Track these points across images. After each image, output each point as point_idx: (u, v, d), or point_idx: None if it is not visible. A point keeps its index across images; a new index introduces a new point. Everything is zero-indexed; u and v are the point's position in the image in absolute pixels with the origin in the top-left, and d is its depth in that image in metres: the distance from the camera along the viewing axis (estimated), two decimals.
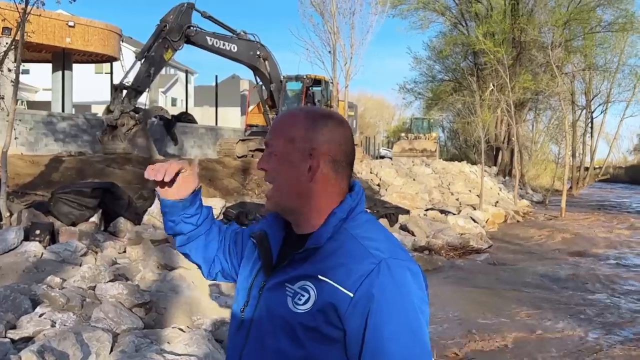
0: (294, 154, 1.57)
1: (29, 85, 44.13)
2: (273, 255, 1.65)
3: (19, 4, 9.49)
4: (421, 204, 19.06)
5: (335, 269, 1.48)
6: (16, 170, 14.40)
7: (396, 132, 62.93)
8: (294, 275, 1.53)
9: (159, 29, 18.31)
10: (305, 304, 1.49)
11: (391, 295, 1.43)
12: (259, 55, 21.83)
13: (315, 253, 1.53)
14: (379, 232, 1.59)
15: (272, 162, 1.60)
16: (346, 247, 1.51)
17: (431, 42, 44.86)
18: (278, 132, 1.61)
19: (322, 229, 1.55)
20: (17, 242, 8.48)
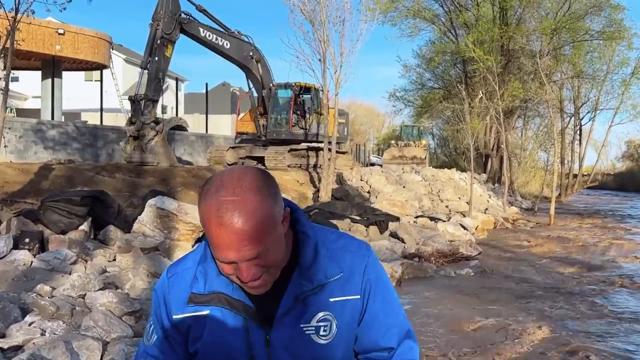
0: (280, 233, 1.47)
1: (18, 93, 43.94)
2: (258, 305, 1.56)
3: (9, 12, 9.50)
4: (411, 211, 19.11)
5: (339, 286, 1.57)
6: (5, 179, 14.35)
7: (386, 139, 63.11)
8: (306, 313, 1.54)
9: (154, 29, 18.39)
10: (331, 332, 1.55)
11: (377, 275, 1.65)
12: (251, 57, 21.87)
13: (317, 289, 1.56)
14: (329, 232, 1.67)
15: (269, 260, 1.45)
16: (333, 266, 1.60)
17: (421, 50, 45.05)
18: (260, 238, 1.41)
19: (309, 255, 1.55)
20: (7, 251, 8.46)
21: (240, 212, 1.37)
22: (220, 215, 1.37)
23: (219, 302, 1.52)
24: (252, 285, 1.46)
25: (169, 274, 1.64)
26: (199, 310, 1.55)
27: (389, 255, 12.53)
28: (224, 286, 1.53)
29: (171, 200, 10.98)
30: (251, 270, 1.42)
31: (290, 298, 1.51)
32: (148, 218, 10.73)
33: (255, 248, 1.39)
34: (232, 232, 1.37)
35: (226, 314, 1.53)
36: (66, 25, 30.85)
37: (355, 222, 14.99)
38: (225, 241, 1.38)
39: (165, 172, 17.67)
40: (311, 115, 24.07)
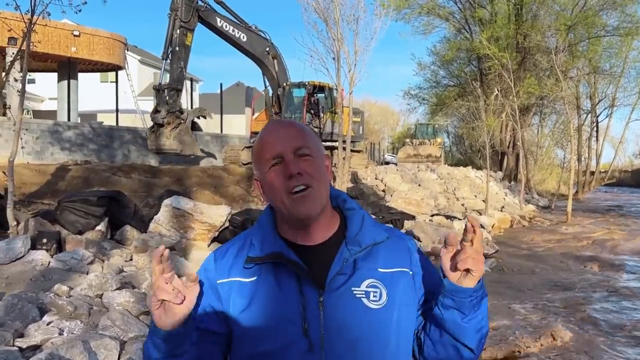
0: (322, 157, 1.65)
1: (35, 95, 44.32)
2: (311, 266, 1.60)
3: (25, 15, 9.56)
4: (427, 210, 19.03)
5: (385, 257, 1.64)
6: (22, 180, 14.45)
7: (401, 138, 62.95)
8: (355, 277, 1.59)
9: (172, 19, 18.51)
10: (381, 299, 1.59)
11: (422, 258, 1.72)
12: (268, 52, 21.88)
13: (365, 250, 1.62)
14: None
15: (313, 166, 1.59)
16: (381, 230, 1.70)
17: (435, 48, 44.86)
18: (307, 136, 1.63)
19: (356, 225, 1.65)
20: (24, 251, 8.51)
21: (288, 120, 1.76)
22: (269, 125, 1.67)
23: (277, 257, 1.58)
24: (298, 193, 1.56)
25: (218, 249, 1.71)
26: (248, 276, 1.60)
27: None
28: (280, 247, 1.60)
29: (187, 200, 11.01)
30: (297, 164, 1.57)
31: (340, 261, 1.58)
32: (164, 218, 10.76)
33: (300, 139, 1.60)
34: (279, 129, 1.63)
35: (280, 275, 1.58)
36: (81, 27, 31.06)
37: None
38: (273, 137, 1.61)
39: (180, 172, 17.72)
40: (325, 114, 24.04)
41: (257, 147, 1.65)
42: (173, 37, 18.47)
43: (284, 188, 1.58)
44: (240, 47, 21.22)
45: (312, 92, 23.49)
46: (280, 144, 1.59)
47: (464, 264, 1.50)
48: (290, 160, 1.58)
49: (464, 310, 1.56)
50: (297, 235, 1.64)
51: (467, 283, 1.53)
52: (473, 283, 1.53)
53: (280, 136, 1.61)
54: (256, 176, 1.68)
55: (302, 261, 1.59)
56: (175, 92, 18.50)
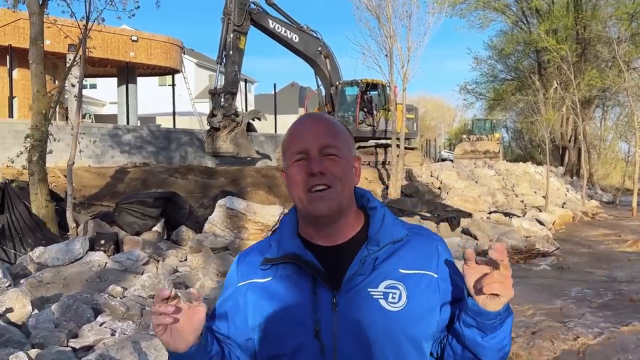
0: (350, 158, 1.60)
1: (96, 99, 45.61)
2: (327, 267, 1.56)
3: (80, 21, 9.81)
4: (484, 207, 18.65)
5: (408, 258, 1.56)
6: (83, 182, 14.88)
7: (458, 134, 61.98)
8: (373, 277, 1.53)
9: (225, 23, 18.73)
10: (400, 301, 1.52)
11: (450, 261, 1.62)
12: (320, 52, 21.87)
13: (385, 250, 1.56)
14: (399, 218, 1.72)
15: (338, 166, 1.55)
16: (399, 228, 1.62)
17: (492, 42, 43.97)
18: (336, 135, 1.59)
19: (376, 224, 1.59)
20: (83, 253, 8.73)
21: (320, 115, 1.64)
22: (301, 118, 1.64)
23: (291, 259, 1.55)
24: (317, 192, 1.52)
25: (244, 252, 1.72)
26: (263, 277, 1.58)
27: (461, 252, 12.23)
28: (296, 248, 1.57)
29: (240, 200, 11.09)
30: (320, 162, 1.53)
31: (357, 260, 1.54)
32: (218, 218, 10.87)
33: (328, 138, 1.56)
34: (311, 122, 1.60)
35: (295, 275, 1.55)
36: (139, 32, 31.79)
37: (425, 219, 14.72)
38: (304, 129, 1.58)
39: (235, 173, 17.92)
40: (378, 111, 23.86)
41: (286, 138, 1.62)
42: (227, 41, 18.69)
43: (303, 184, 1.54)
44: (293, 48, 21.30)
45: (364, 90, 23.35)
46: (306, 139, 1.56)
47: (490, 289, 1.41)
48: (314, 157, 1.54)
49: (486, 330, 1.47)
50: (316, 236, 1.60)
51: (492, 306, 1.44)
52: (499, 307, 1.44)
53: (309, 131, 1.57)
54: (283, 167, 1.65)
55: (320, 262, 1.55)
56: (230, 96, 18.72)
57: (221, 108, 18.47)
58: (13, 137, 16.73)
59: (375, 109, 23.76)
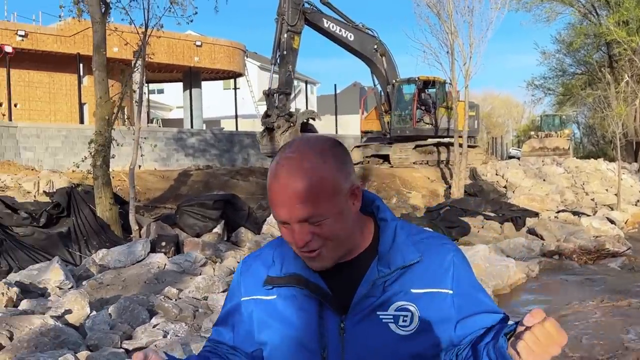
0: (341, 205, 1.39)
1: (164, 104, 46.84)
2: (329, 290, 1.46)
3: (139, 28, 10.04)
4: (552, 206, 18.07)
5: (421, 276, 1.46)
6: (147, 185, 15.25)
7: (526, 130, 60.46)
8: (383, 300, 1.44)
9: (279, 24, 18.76)
10: (412, 324, 1.44)
11: (466, 269, 1.52)
12: (376, 50, 21.66)
13: (396, 272, 1.45)
14: (412, 225, 1.59)
15: (325, 230, 1.38)
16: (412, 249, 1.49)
17: (559, 35, 42.62)
18: (315, 197, 1.35)
19: (387, 241, 1.47)
20: (144, 254, 8.91)
21: (297, 168, 1.35)
22: (277, 170, 1.37)
23: (295, 282, 1.47)
24: (307, 255, 1.40)
25: (247, 259, 1.63)
26: (268, 294, 1.51)
27: (526, 253, 11.87)
28: (300, 268, 1.47)
29: None
30: (304, 234, 1.37)
31: (367, 283, 1.44)
32: None
33: (306, 208, 1.34)
34: (284, 187, 1.35)
35: (300, 297, 1.47)
36: (203, 37, 32.45)
37: (489, 219, 14.38)
38: (278, 197, 1.36)
39: None
40: (437, 109, 23.41)
41: (268, 190, 1.40)
42: (281, 42, 18.69)
43: (293, 247, 1.43)
44: (348, 47, 21.15)
45: (422, 87, 22.92)
46: (283, 210, 1.36)
47: (524, 347, 1.24)
48: (296, 229, 1.37)
49: None
50: None
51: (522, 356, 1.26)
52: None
53: (283, 200, 1.35)
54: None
55: (325, 280, 1.46)
56: (285, 96, 18.71)
57: (275, 108, 18.46)
58: (82, 143, 17.31)
59: (433, 107, 23.33)
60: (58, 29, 25.72)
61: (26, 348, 4.75)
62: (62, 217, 10.40)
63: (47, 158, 19.56)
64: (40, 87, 26.61)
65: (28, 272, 7.66)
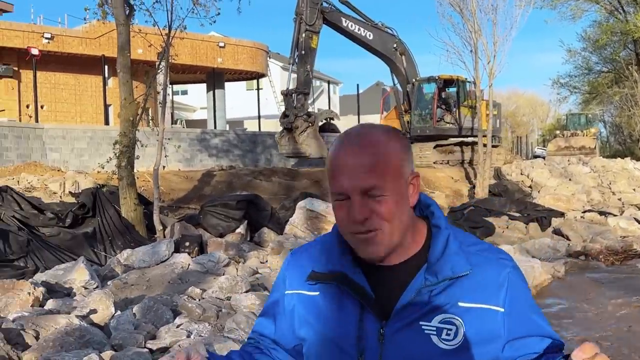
0: (404, 183, 1.38)
1: (187, 105, 47.15)
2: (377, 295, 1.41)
3: (163, 29, 10.11)
4: (578, 206, 17.84)
5: (471, 289, 1.39)
6: (172, 186, 15.35)
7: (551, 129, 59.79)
8: (428, 310, 1.38)
9: (297, 23, 18.65)
10: (456, 338, 1.37)
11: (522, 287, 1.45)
12: (395, 49, 21.51)
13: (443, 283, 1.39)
14: (468, 235, 1.51)
15: (384, 208, 1.35)
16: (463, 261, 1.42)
17: (585, 33, 42.09)
18: (383, 169, 1.35)
19: (437, 249, 1.41)
20: (168, 254, 8.95)
21: (365, 141, 1.36)
22: (344, 142, 1.38)
23: (339, 280, 1.43)
24: (363, 236, 1.36)
25: (295, 252, 1.61)
26: (311, 290, 1.48)
27: (551, 253, 11.72)
28: (346, 267, 1.44)
29: (320, 202, 11.09)
30: (364, 208, 1.34)
31: (412, 290, 1.38)
32: (299, 220, 10.92)
33: (371, 179, 1.33)
34: (351, 156, 1.34)
35: (342, 297, 1.43)
36: (226, 38, 32.60)
37: (514, 219, 14.23)
38: (343, 166, 1.35)
39: (318, 175, 17.97)
40: (458, 108, 23.16)
41: (328, 165, 1.40)
42: (299, 41, 18.58)
43: (346, 227, 1.38)
44: (367, 46, 21.01)
45: (443, 86, 22.69)
46: (346, 179, 1.34)
47: None
48: (356, 202, 1.34)
49: None
50: None
51: None
52: None
53: (348, 169, 1.34)
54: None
55: (370, 283, 1.41)
56: (303, 96, 18.56)
57: (293, 109, 18.37)
58: (107, 144, 17.48)
59: (454, 106, 23.09)
60: (83, 31, 26.04)
61: (52, 347, 4.80)
62: (88, 218, 10.52)
63: (72, 159, 19.80)
64: (66, 89, 26.97)
65: (54, 272, 7.75)
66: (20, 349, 4.93)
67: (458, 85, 23.10)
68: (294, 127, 18.19)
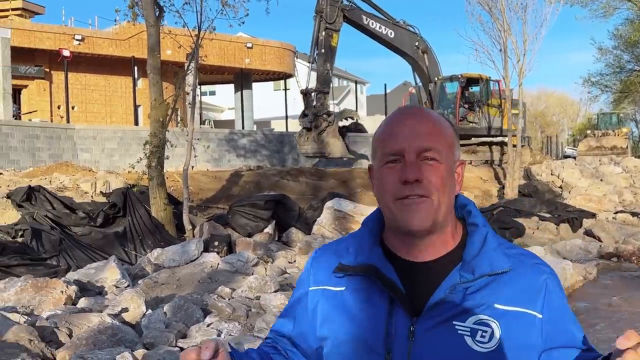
0: (452, 163, 1.38)
1: (216, 106, 47.47)
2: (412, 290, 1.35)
3: (192, 30, 10.19)
4: (609, 207, 17.58)
5: (508, 291, 1.33)
6: (200, 186, 15.47)
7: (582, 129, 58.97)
8: (462, 309, 1.32)
9: (317, 22, 18.37)
10: (491, 341, 1.30)
11: (561, 294, 1.41)
12: (417, 47, 21.25)
13: (480, 280, 1.33)
14: (505, 240, 1.47)
15: (437, 174, 1.33)
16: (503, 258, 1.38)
17: (617, 31, 41.43)
18: (440, 136, 1.36)
19: (474, 247, 1.36)
20: (198, 254, 9.03)
21: (422, 112, 1.41)
22: (400, 112, 1.41)
23: (368, 272, 1.37)
24: (412, 201, 1.31)
25: (320, 249, 1.55)
26: (337, 285, 1.41)
27: (583, 255, 11.55)
28: (376, 260, 1.38)
29: (347, 202, 11.09)
30: (419, 168, 1.32)
31: (446, 287, 1.32)
32: (326, 220, 10.92)
33: (430, 139, 1.34)
34: (410, 119, 1.37)
35: (371, 291, 1.37)
36: (254, 38, 32.75)
37: (544, 220, 14.05)
38: (400, 127, 1.36)
39: (345, 175, 17.96)
40: (481, 107, 22.82)
41: (379, 134, 1.40)
42: (319, 40, 18.26)
43: (394, 192, 1.33)
44: (388, 44, 20.74)
45: (465, 85, 22.37)
46: (404, 138, 1.33)
47: None
48: (411, 162, 1.32)
49: None
50: (402, 247, 1.39)
51: None
52: None
53: (407, 129, 1.34)
54: (372, 164, 1.44)
55: (400, 280, 1.35)
56: (322, 95, 18.21)
57: (313, 108, 18.02)
58: (137, 144, 17.68)
59: (477, 105, 22.76)
60: (113, 32, 26.38)
61: (85, 345, 4.87)
62: (118, 217, 10.66)
63: (103, 159, 20.07)
64: (96, 90, 27.35)
65: (86, 271, 7.86)
66: (54, 346, 5.00)
67: (481, 84, 22.79)
68: (313, 126, 17.84)
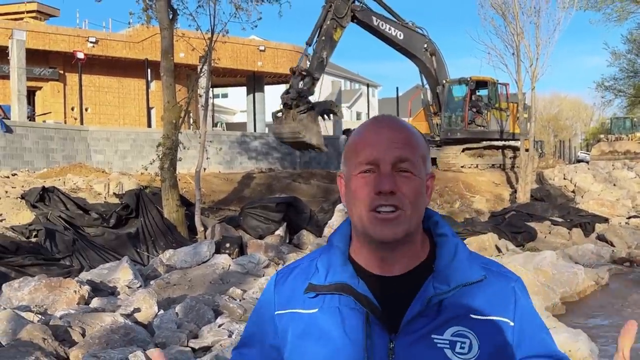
0: (424, 175, 1.35)
1: (228, 108, 47.62)
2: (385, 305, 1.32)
3: (205, 33, 10.26)
4: (622, 212, 17.46)
5: (482, 301, 1.33)
6: (212, 188, 15.54)
7: (595, 133, 58.64)
8: (439, 323, 1.30)
9: (325, 10, 18.03)
10: (471, 352, 1.29)
11: (530, 303, 1.42)
12: (425, 49, 21.12)
13: (455, 291, 1.32)
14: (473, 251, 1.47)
15: (410, 186, 1.30)
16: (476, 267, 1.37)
17: (631, 35, 41.17)
18: (415, 148, 1.33)
19: (445, 257, 1.34)
20: (209, 255, 9.08)
21: (396, 121, 1.38)
22: (373, 121, 1.39)
23: (341, 290, 1.33)
24: (384, 216, 1.28)
25: (283, 270, 1.48)
26: (308, 307, 1.35)
27: (595, 259, 11.50)
28: (348, 277, 1.33)
29: None
30: (393, 179, 1.29)
31: (421, 300, 1.30)
32: (337, 222, 10.93)
33: (405, 150, 1.32)
34: (386, 129, 1.34)
35: (346, 310, 1.32)
36: (266, 41, 32.84)
37: (556, 224, 14.00)
38: (375, 137, 1.33)
39: None
40: (489, 111, 22.66)
41: (353, 142, 1.36)
42: (322, 27, 17.72)
43: (367, 202, 1.30)
44: (397, 46, 20.55)
45: (474, 88, 22.09)
46: (380, 148, 1.30)
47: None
48: (386, 172, 1.29)
49: None
50: (372, 262, 1.35)
51: None
52: None
53: (383, 139, 1.31)
54: (342, 172, 1.39)
55: (374, 296, 1.31)
56: (311, 79, 17.27)
57: (297, 87, 16.97)
58: (150, 146, 17.78)
59: (485, 109, 22.59)
60: (127, 35, 26.55)
61: (98, 344, 4.92)
62: (131, 218, 10.73)
63: (116, 161, 20.19)
64: (109, 92, 27.52)
65: (99, 271, 7.93)
66: (68, 345, 5.06)
67: (489, 87, 22.64)
68: (294, 105, 16.52)
